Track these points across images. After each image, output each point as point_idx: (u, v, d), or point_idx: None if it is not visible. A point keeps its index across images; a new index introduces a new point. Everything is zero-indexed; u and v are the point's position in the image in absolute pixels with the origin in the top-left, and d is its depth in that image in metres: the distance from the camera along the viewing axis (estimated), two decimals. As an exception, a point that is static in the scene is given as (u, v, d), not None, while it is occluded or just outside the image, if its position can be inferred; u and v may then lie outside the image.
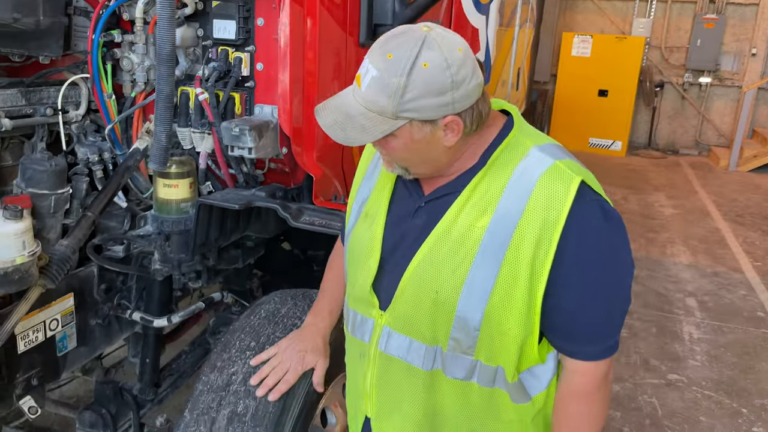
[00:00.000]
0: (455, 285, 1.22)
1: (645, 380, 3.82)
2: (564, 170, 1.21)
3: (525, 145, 1.25)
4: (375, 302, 1.36)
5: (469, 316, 1.22)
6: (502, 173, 1.23)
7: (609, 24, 11.02)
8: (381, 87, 1.12)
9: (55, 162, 1.83)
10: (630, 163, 10.06)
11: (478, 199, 1.23)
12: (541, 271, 1.18)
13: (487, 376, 1.29)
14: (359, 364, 1.45)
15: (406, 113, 1.13)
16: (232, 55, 1.98)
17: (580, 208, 1.18)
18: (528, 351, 1.28)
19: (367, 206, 1.42)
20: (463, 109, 1.16)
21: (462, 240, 1.22)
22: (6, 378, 1.77)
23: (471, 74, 1.14)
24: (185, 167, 2.02)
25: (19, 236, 1.57)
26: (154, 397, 2.37)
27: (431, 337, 1.29)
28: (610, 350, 1.27)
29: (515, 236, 1.18)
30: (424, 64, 1.11)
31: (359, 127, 1.16)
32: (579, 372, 1.28)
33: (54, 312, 1.91)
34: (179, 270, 2.10)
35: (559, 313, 1.23)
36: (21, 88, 1.89)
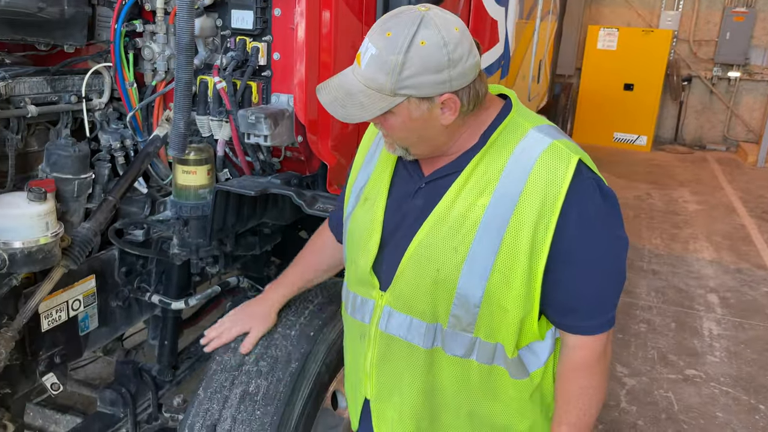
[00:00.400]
0: (456, 263, 1.25)
1: (662, 375, 3.80)
2: (562, 149, 1.24)
3: (523, 127, 1.28)
4: (375, 283, 1.40)
5: (470, 293, 1.25)
6: (501, 153, 1.26)
7: (636, 17, 10.86)
8: (379, 64, 1.16)
9: (78, 148, 1.90)
10: (655, 159, 9.93)
11: (477, 179, 1.26)
12: (542, 247, 1.22)
13: (486, 352, 1.32)
14: (359, 345, 1.49)
15: (404, 90, 1.17)
16: (250, 45, 2.02)
17: (578, 186, 1.21)
18: (527, 328, 1.31)
19: (366, 190, 1.45)
20: (460, 88, 1.20)
21: (462, 219, 1.25)
22: (30, 354, 1.84)
23: (468, 53, 1.18)
24: (203, 154, 2.07)
25: (43, 217, 1.64)
26: (172, 379, 2.44)
27: (431, 315, 1.32)
28: (608, 324, 1.31)
29: (515, 214, 1.21)
30: (421, 42, 1.14)
31: (358, 104, 1.20)
32: (579, 347, 1.32)
33: (76, 293, 1.98)
34: (197, 254, 2.15)
35: (558, 288, 1.26)
36: (46, 76, 1.95)
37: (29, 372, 1.86)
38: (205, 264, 2.32)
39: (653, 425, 3.33)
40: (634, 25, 10.73)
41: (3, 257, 1.59)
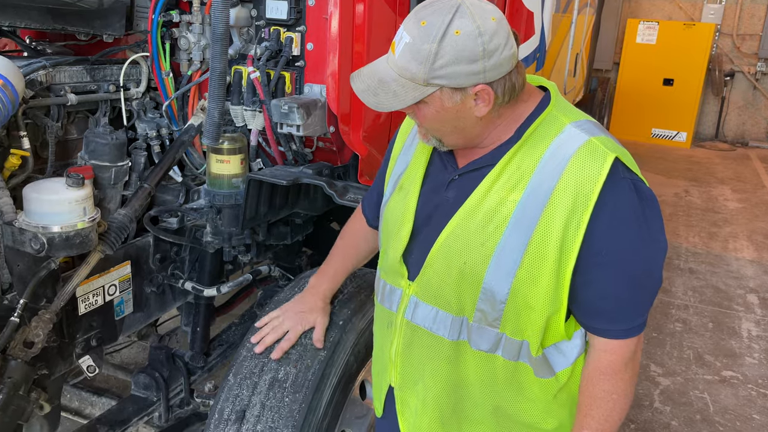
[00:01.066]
0: (483, 256, 1.24)
1: (698, 376, 3.72)
2: (599, 146, 1.20)
3: (561, 121, 1.25)
4: (404, 272, 1.40)
5: (496, 288, 1.24)
6: (536, 148, 1.23)
7: (677, 10, 10.61)
8: (413, 53, 1.15)
9: (116, 136, 1.94)
10: (694, 155, 9.69)
11: (511, 173, 1.24)
12: (571, 247, 1.19)
13: (512, 349, 1.30)
14: (386, 333, 1.49)
15: (437, 80, 1.15)
16: (284, 35, 2.03)
17: (613, 185, 1.18)
18: (554, 327, 1.28)
19: (402, 179, 1.44)
20: (495, 79, 1.17)
21: (493, 213, 1.24)
22: (67, 337, 1.89)
23: (504, 44, 1.15)
24: (237, 144, 2.09)
25: (81, 203, 1.68)
26: (204, 365, 2.48)
27: (457, 308, 1.31)
28: (638, 329, 1.27)
29: (546, 211, 1.19)
30: (456, 31, 1.12)
31: (391, 93, 1.19)
32: (606, 350, 1.28)
33: (112, 278, 2.02)
34: (229, 243, 2.18)
35: (587, 290, 1.23)
36: (86, 66, 2.00)
37: (66, 354, 1.91)
38: (238, 252, 2.35)
39: (687, 426, 3.26)
40: (676, 18, 10.47)
41: (42, 241, 1.63)
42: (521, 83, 1.23)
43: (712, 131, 10.85)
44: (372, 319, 1.87)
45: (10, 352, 1.66)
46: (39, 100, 1.82)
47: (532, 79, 1.33)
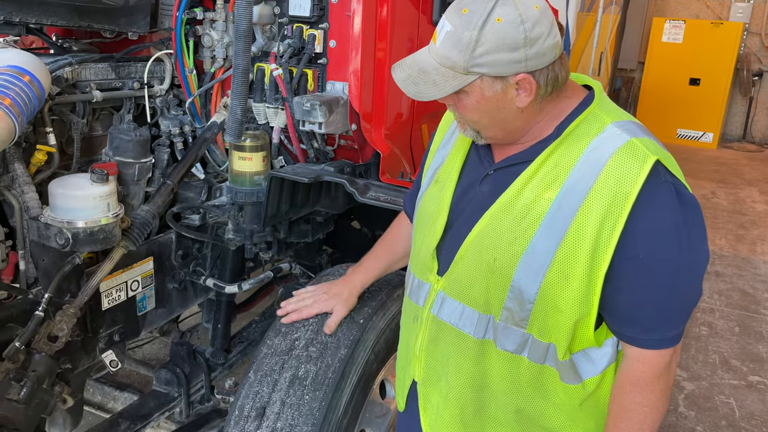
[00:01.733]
0: (514, 254, 1.21)
1: (723, 380, 3.65)
2: (639, 148, 1.17)
3: (603, 121, 1.22)
4: (434, 267, 1.38)
5: (525, 287, 1.21)
6: (575, 147, 1.20)
7: (704, 9, 10.43)
8: (454, 42, 1.14)
9: (140, 133, 1.95)
10: (721, 156, 9.52)
11: (547, 171, 1.21)
12: (605, 249, 1.15)
13: (538, 351, 1.27)
14: (412, 327, 1.48)
15: (477, 68, 1.14)
16: (306, 32, 2.03)
17: (652, 188, 1.14)
18: (582, 332, 1.25)
19: (439, 173, 1.43)
20: (537, 69, 1.15)
21: (527, 211, 1.21)
22: (90, 331, 1.90)
23: (547, 33, 1.13)
24: (259, 141, 2.09)
25: (105, 198, 1.69)
26: (225, 362, 2.49)
27: (484, 305, 1.29)
28: (673, 340, 1.22)
29: (580, 212, 1.16)
30: (497, 19, 1.11)
31: (431, 82, 1.18)
32: (638, 360, 1.24)
33: (135, 274, 2.04)
34: (251, 240, 2.18)
35: (620, 296, 1.19)
36: (111, 63, 2.01)
37: (89, 348, 1.93)
38: (259, 250, 2.35)
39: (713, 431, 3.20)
40: (703, 17, 10.30)
41: (67, 236, 1.64)
42: (564, 76, 1.20)
43: (740, 132, 10.65)
44: (392, 318, 1.86)
45: (34, 345, 1.68)
46: (65, 96, 1.84)
47: (577, 77, 1.31)
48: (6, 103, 1.47)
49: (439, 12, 2.21)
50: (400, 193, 1.98)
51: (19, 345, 1.62)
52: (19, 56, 1.63)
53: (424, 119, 2.38)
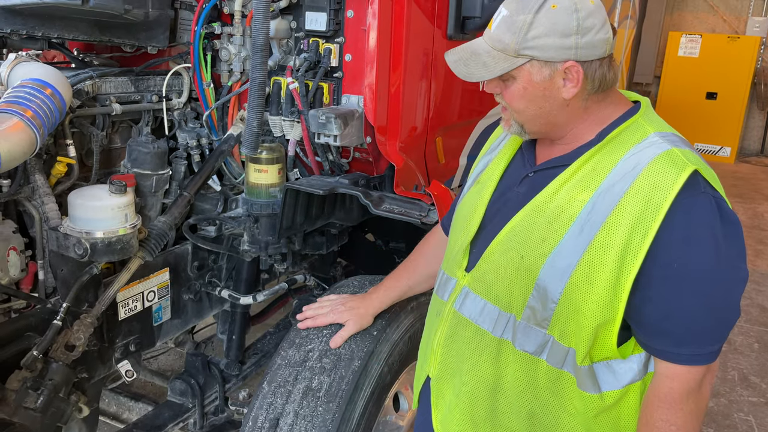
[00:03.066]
0: (541, 252, 1.21)
1: (742, 397, 3.59)
2: (679, 157, 1.16)
3: (645, 130, 1.23)
4: (463, 263, 1.39)
5: (550, 287, 1.21)
6: (615, 153, 1.21)
7: (721, 23, 10.38)
8: (508, 25, 1.17)
9: (157, 145, 1.98)
10: (739, 171, 9.43)
11: (584, 174, 1.22)
12: (636, 255, 1.13)
13: (557, 355, 1.25)
14: (434, 321, 1.49)
15: (528, 50, 1.17)
16: (323, 46, 2.05)
17: (689, 198, 1.13)
18: (604, 339, 1.23)
19: (482, 176, 1.45)
20: (586, 59, 1.17)
21: (559, 212, 1.21)
22: (107, 341, 1.92)
23: (600, 26, 1.16)
24: (275, 153, 2.11)
25: (123, 209, 1.71)
26: (239, 373, 2.49)
27: (507, 303, 1.29)
28: (706, 357, 1.18)
29: (612, 215, 1.15)
30: (552, 5, 1.15)
31: (481, 64, 1.21)
32: (667, 375, 1.21)
33: (151, 284, 2.05)
34: (266, 251, 2.20)
35: (649, 305, 1.17)
36: (130, 77, 2.05)
37: (106, 358, 1.94)
38: (274, 261, 2.37)
39: (732, 450, 3.15)
40: (719, 31, 10.25)
41: (85, 246, 1.67)
42: (612, 78, 1.22)
43: (758, 146, 10.54)
44: (405, 330, 1.87)
45: (51, 354, 1.70)
46: (85, 109, 1.88)
47: (627, 93, 1.33)
48: (28, 116, 1.51)
49: (454, 27, 2.23)
50: (414, 205, 1.98)
51: (37, 354, 1.64)
52: (41, 70, 1.66)
53: (439, 132, 2.39)
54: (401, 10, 2.00)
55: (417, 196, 2.05)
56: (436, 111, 2.33)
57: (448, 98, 2.41)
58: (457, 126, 2.56)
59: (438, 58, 2.25)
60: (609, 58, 1.20)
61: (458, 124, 2.56)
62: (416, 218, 1.91)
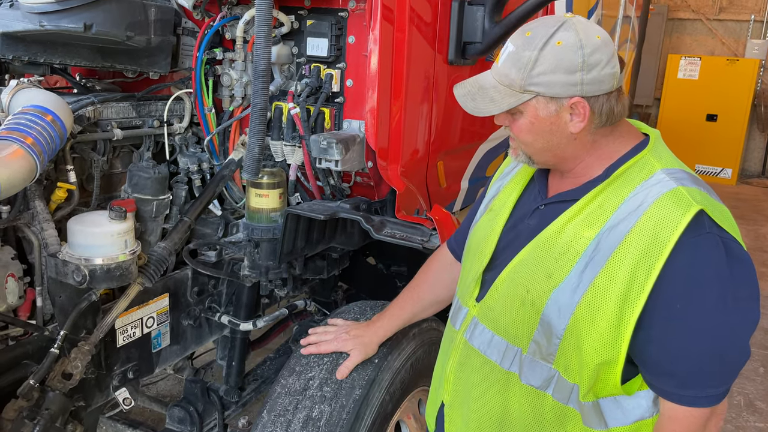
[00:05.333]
0: (546, 288, 1.21)
1: (749, 423, 3.54)
2: (684, 196, 1.15)
3: (652, 167, 1.22)
4: (475, 293, 1.39)
5: (554, 322, 1.20)
6: (621, 190, 1.20)
7: (720, 45, 10.46)
8: (514, 61, 1.19)
9: (158, 170, 1.97)
10: (741, 193, 9.42)
11: (591, 211, 1.21)
12: (638, 295, 1.12)
13: (563, 390, 1.24)
14: (448, 349, 1.49)
15: (533, 86, 1.17)
16: (324, 72, 2.05)
17: (694, 239, 1.11)
18: (607, 377, 1.21)
19: (494, 202, 1.45)
20: (593, 95, 1.17)
21: (565, 248, 1.21)
22: (105, 369, 1.90)
23: (606, 62, 1.16)
24: (276, 178, 2.11)
25: (122, 235, 1.70)
26: (238, 400, 2.46)
27: (513, 336, 1.28)
28: (710, 400, 1.15)
29: (616, 253, 1.14)
30: (557, 42, 1.15)
31: (488, 99, 1.22)
32: (670, 417, 1.19)
33: (150, 310, 2.03)
34: (266, 276, 2.18)
35: (653, 347, 1.15)
36: (132, 102, 2.05)
37: (103, 386, 1.92)
38: (274, 286, 2.35)
39: (739, 477, 3.09)
40: (718, 53, 10.33)
41: (84, 273, 1.65)
42: (620, 111, 1.22)
43: (759, 168, 10.55)
44: (407, 358, 1.84)
45: (48, 383, 1.68)
46: (86, 135, 1.87)
47: (637, 125, 1.32)
48: (28, 142, 1.50)
49: (454, 52, 2.24)
50: (415, 230, 1.97)
51: (34, 383, 1.62)
52: (42, 96, 1.66)
53: (440, 156, 2.39)
54: (402, 35, 2.01)
55: (418, 220, 2.04)
56: (437, 135, 2.33)
57: (449, 122, 2.41)
58: (459, 150, 2.56)
59: (439, 82, 2.25)
60: (617, 92, 1.20)
61: (460, 148, 2.56)
62: (418, 243, 1.90)
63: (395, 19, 1.99)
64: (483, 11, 2.18)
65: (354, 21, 2.01)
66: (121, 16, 1.80)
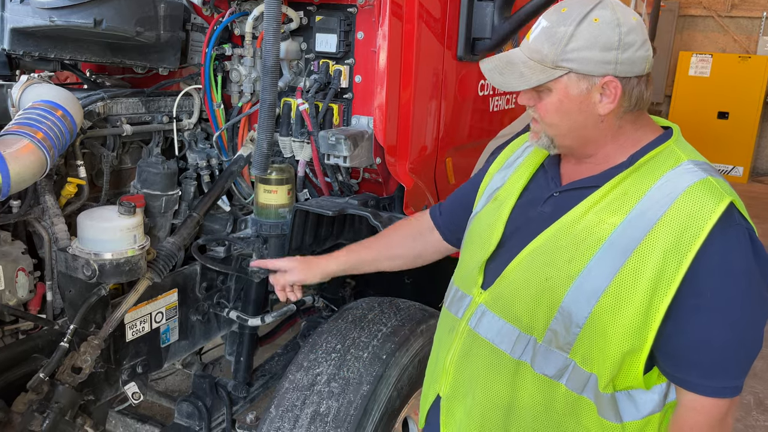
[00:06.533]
0: (568, 275, 1.19)
1: (759, 422, 3.52)
2: (716, 186, 1.14)
3: (678, 157, 1.20)
4: (479, 281, 1.36)
5: (575, 310, 1.18)
6: (647, 178, 1.19)
7: (732, 43, 10.38)
8: (548, 36, 1.16)
9: (167, 166, 1.98)
10: (752, 191, 9.35)
11: (615, 197, 1.19)
12: (670, 283, 1.11)
13: (578, 380, 1.22)
14: (446, 338, 1.44)
15: (566, 62, 1.15)
16: (333, 68, 2.05)
17: (726, 230, 1.11)
18: (630, 367, 1.19)
19: (498, 192, 1.42)
20: (625, 75, 1.15)
21: (587, 233, 1.19)
22: (114, 363, 1.91)
23: (641, 43, 1.15)
24: (284, 174, 2.11)
25: (131, 230, 1.71)
26: (247, 395, 2.47)
27: (527, 325, 1.25)
28: (731, 391, 1.15)
29: (645, 241, 1.13)
30: (595, 18, 1.14)
31: (517, 74, 1.20)
32: (691, 408, 1.18)
33: (159, 305, 2.04)
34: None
35: (681, 337, 1.14)
36: (141, 98, 2.06)
37: (112, 380, 1.93)
38: (282, 282, 2.34)
39: (749, 477, 3.07)
40: (730, 51, 10.24)
41: (94, 267, 1.66)
42: (648, 98, 1.21)
43: (771, 166, 10.47)
44: (415, 354, 1.84)
45: (58, 377, 1.69)
46: (96, 130, 1.88)
47: (657, 120, 1.31)
48: (39, 137, 1.51)
49: (463, 48, 2.23)
50: (424, 226, 1.97)
51: (44, 376, 1.63)
52: (52, 91, 1.67)
53: (449, 153, 2.38)
54: (411, 31, 2.01)
55: (427, 217, 2.03)
56: (446, 132, 2.32)
57: (457, 119, 2.41)
58: (467, 146, 2.55)
59: (448, 79, 2.25)
60: (647, 77, 1.19)
61: (468, 145, 2.56)
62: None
63: (404, 14, 1.98)
64: (492, 7, 2.17)
65: (363, 17, 2.00)
66: (131, 11, 1.80)
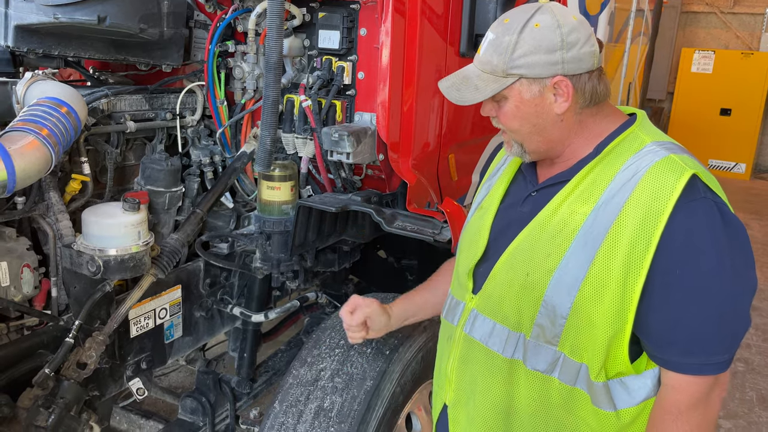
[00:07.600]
0: (547, 269, 1.21)
1: (761, 419, 3.52)
2: (677, 162, 1.16)
3: (642, 140, 1.23)
4: (469, 286, 1.39)
5: (558, 303, 1.20)
6: (613, 164, 1.22)
7: (734, 39, 10.35)
8: (495, 47, 1.21)
9: (171, 162, 1.99)
10: (754, 187, 9.34)
11: (585, 188, 1.22)
12: (640, 263, 1.13)
13: (569, 372, 1.24)
14: (446, 347, 1.47)
15: (515, 69, 1.20)
16: (336, 64, 2.05)
17: (689, 203, 1.12)
18: (616, 351, 1.21)
19: (483, 201, 1.46)
20: (574, 73, 1.19)
21: (562, 226, 1.22)
22: (118, 359, 1.92)
23: (584, 40, 1.19)
24: (288, 171, 2.11)
25: (136, 227, 1.72)
26: (250, 391, 2.48)
27: (515, 322, 1.28)
28: (713, 367, 1.15)
29: (614, 226, 1.15)
30: (535, 24, 1.18)
31: (473, 87, 1.25)
32: (673, 386, 1.19)
33: (163, 302, 2.05)
34: (278, 269, 2.19)
35: (656, 314, 1.16)
36: (145, 94, 2.06)
37: (117, 376, 1.94)
38: (285, 278, 2.35)
39: (751, 473, 3.07)
40: (733, 47, 10.22)
41: (98, 263, 1.67)
42: (603, 91, 1.24)
43: (773, 163, 10.45)
44: (418, 350, 1.85)
45: (63, 372, 1.70)
46: (100, 127, 1.89)
47: (623, 108, 1.33)
48: (43, 134, 1.52)
49: (466, 45, 2.23)
50: (427, 222, 1.97)
51: (49, 372, 1.64)
52: (57, 88, 1.68)
53: (451, 149, 2.38)
54: (414, 28, 2.00)
55: (430, 213, 2.04)
56: (448, 128, 2.32)
57: (460, 115, 2.41)
58: (470, 143, 2.55)
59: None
60: (598, 71, 1.23)
61: (471, 141, 2.56)
62: (429, 236, 1.90)
63: (407, 11, 1.98)
64: (495, 3, 2.17)
65: (366, 13, 2.00)
66: (135, 8, 1.81)
